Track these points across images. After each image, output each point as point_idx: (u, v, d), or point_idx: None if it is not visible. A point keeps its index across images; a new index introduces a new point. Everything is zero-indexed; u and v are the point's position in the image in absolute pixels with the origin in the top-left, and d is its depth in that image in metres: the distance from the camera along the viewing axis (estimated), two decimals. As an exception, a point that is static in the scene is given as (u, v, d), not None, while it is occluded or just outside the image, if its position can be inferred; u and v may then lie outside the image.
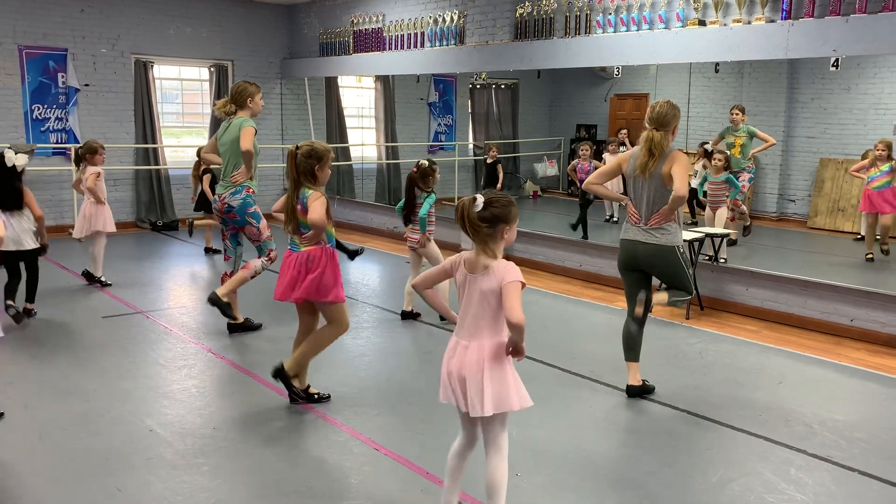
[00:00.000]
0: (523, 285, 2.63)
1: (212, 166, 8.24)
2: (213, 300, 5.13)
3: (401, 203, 5.72)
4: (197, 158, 8.25)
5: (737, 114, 8.13)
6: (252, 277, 5.26)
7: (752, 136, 8.17)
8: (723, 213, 7.53)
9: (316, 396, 4.18)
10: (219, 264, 7.92)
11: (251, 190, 5.22)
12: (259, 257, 5.32)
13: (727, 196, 7.60)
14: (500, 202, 2.66)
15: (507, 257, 7.22)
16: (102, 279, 6.73)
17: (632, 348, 4.39)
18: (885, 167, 7.56)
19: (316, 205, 3.83)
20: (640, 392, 4.37)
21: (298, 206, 3.88)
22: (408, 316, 5.86)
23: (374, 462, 3.50)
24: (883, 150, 7.59)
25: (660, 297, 4.28)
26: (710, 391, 4.54)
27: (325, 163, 3.91)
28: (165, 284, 7.11)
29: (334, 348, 5.39)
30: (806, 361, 5.16)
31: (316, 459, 3.57)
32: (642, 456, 3.66)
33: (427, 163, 5.56)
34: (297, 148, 3.88)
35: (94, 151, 6.63)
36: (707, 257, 6.69)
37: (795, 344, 5.52)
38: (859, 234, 9.09)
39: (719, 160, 7.50)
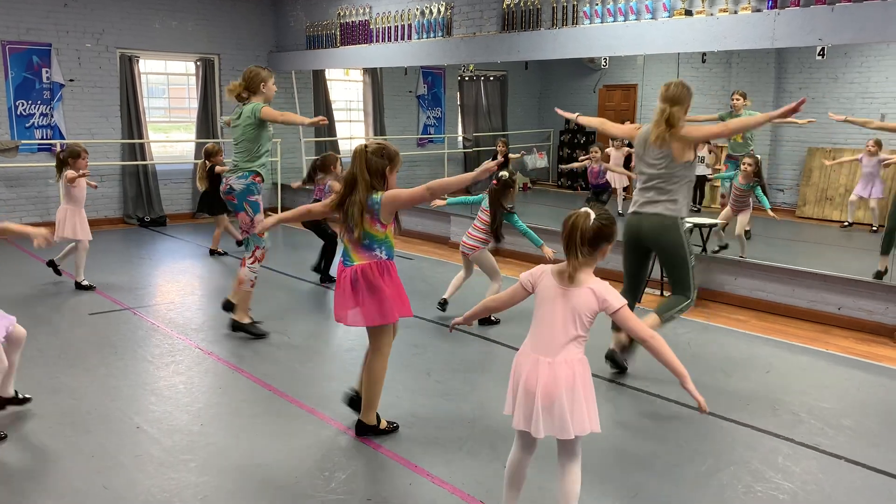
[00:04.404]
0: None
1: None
2: (236, 327, 5.26)
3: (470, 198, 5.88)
4: (203, 160, 8.04)
5: (738, 99, 8.08)
6: (253, 286, 5.20)
7: None
8: (744, 218, 7.21)
9: (387, 428, 3.76)
10: (216, 264, 7.88)
11: (259, 178, 5.14)
12: (244, 259, 5.19)
13: (751, 203, 7.33)
14: (608, 219, 2.60)
15: (496, 251, 7.20)
16: (85, 283, 6.50)
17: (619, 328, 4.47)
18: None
19: (398, 191, 3.44)
20: (612, 357, 4.55)
21: (368, 217, 3.41)
22: (444, 305, 5.81)
23: (362, 457, 3.49)
24: (873, 147, 7.67)
25: (650, 319, 4.28)
26: (698, 381, 4.47)
27: (396, 165, 3.49)
28: (153, 280, 7.07)
29: (323, 343, 5.39)
30: (793, 350, 5.19)
31: (303, 454, 3.55)
32: (630, 446, 3.67)
33: (507, 174, 5.48)
34: (366, 147, 3.45)
35: (77, 156, 6.35)
36: (703, 249, 6.70)
37: (783, 333, 5.55)
38: (846, 222, 9.14)
39: (749, 165, 7.12)
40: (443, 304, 5.81)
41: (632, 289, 4.57)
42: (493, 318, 5.64)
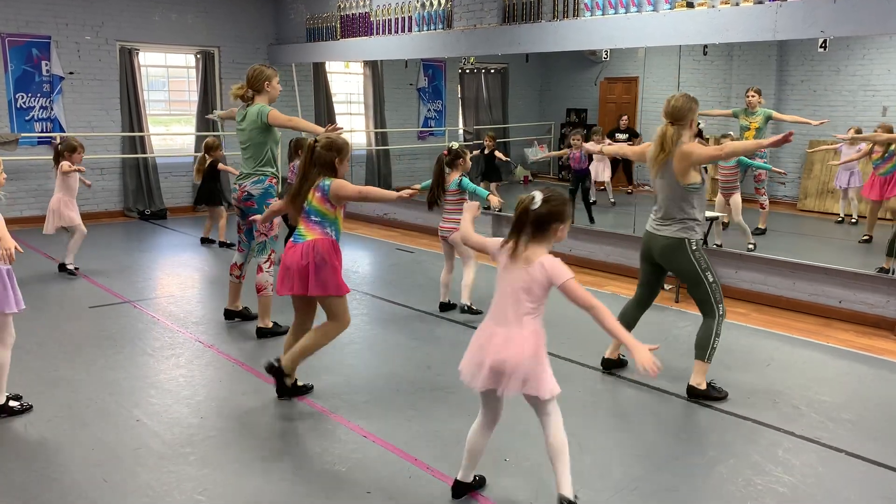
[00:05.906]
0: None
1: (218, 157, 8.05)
2: (261, 334, 5.04)
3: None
4: (202, 153, 8.04)
5: (753, 96, 7.88)
6: (272, 290, 5.00)
7: (768, 118, 7.96)
8: (737, 199, 7.30)
9: (302, 387, 4.12)
10: (210, 254, 7.88)
11: (274, 180, 5.02)
12: (260, 265, 5.04)
13: (740, 181, 7.44)
14: (557, 200, 2.76)
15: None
16: (70, 267, 6.73)
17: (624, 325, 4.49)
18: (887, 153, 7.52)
19: (345, 183, 3.79)
20: (614, 366, 4.56)
21: (318, 194, 3.77)
22: (446, 308, 5.80)
23: (362, 450, 3.49)
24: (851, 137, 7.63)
25: (696, 369, 4.19)
26: (699, 374, 4.54)
27: (345, 155, 3.81)
28: (153, 273, 7.07)
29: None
30: (794, 343, 5.18)
31: (303, 448, 3.56)
32: (630, 439, 3.67)
33: (457, 145, 5.73)
34: (316, 141, 3.79)
35: (73, 150, 6.60)
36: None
37: (784, 326, 5.54)
38: (840, 216, 9.12)
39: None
40: (446, 306, 5.80)
41: (640, 297, 4.50)
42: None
